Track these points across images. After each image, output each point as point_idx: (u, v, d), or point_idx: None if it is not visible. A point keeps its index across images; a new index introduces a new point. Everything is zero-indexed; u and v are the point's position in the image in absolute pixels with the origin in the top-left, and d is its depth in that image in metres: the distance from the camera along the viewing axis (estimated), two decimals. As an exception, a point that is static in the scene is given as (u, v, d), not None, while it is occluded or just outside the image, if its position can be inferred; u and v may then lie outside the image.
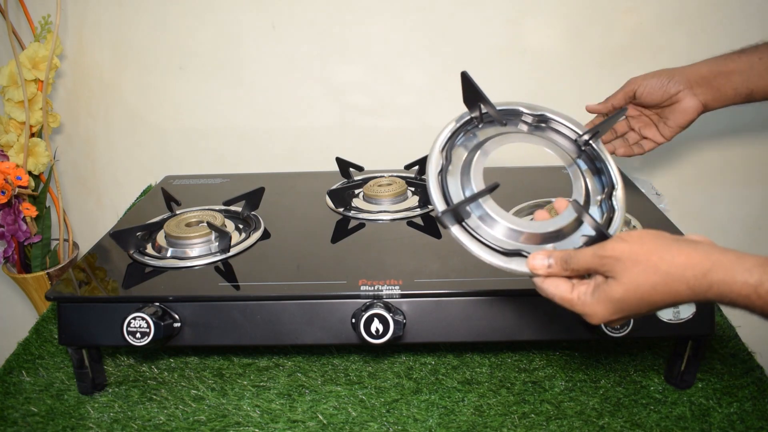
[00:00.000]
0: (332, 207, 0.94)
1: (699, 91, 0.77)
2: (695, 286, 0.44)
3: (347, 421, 0.71)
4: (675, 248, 0.46)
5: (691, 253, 0.45)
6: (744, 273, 0.43)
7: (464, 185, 0.57)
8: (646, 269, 0.46)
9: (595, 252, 0.48)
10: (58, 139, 1.24)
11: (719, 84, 0.76)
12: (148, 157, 1.25)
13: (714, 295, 0.44)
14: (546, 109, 0.62)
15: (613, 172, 0.59)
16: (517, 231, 0.54)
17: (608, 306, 0.48)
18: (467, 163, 0.58)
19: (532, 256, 0.51)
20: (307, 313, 0.70)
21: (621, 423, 0.69)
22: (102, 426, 0.71)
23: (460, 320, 0.70)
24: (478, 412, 0.72)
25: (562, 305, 0.51)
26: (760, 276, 0.42)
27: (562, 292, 0.51)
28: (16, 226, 1.08)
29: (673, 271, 0.45)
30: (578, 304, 0.50)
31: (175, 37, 1.15)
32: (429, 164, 0.57)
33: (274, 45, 1.15)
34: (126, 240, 0.80)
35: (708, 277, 0.44)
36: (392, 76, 1.17)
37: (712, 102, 0.77)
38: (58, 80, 1.19)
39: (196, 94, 1.19)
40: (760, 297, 0.42)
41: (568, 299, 0.50)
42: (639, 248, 0.47)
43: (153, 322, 0.67)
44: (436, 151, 0.58)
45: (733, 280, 0.43)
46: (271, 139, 1.23)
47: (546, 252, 0.52)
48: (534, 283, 0.53)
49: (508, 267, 0.53)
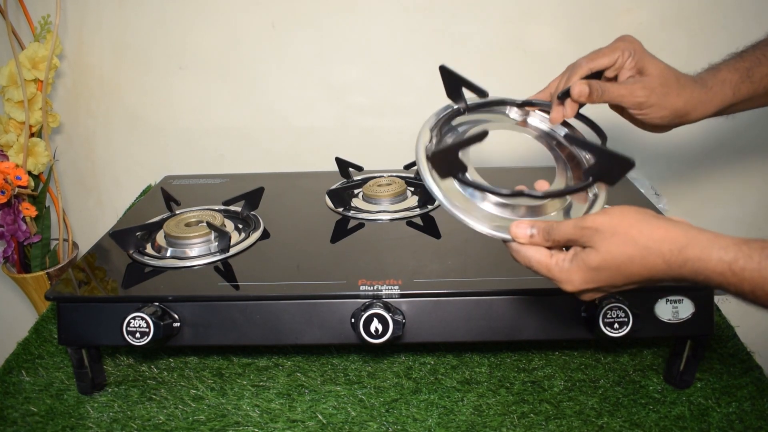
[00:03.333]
0: (332, 207, 0.94)
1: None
2: (671, 261, 0.45)
3: (347, 421, 0.71)
4: (654, 223, 0.47)
5: (670, 228, 0.46)
6: (719, 250, 0.43)
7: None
8: (625, 241, 0.47)
9: (576, 223, 0.49)
10: (57, 139, 1.24)
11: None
12: (148, 157, 1.25)
13: (689, 271, 0.45)
14: (531, 98, 0.65)
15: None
16: (503, 203, 0.56)
17: (584, 274, 0.49)
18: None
19: (515, 224, 0.53)
20: (306, 313, 0.71)
21: (620, 423, 0.70)
22: (101, 426, 0.71)
23: (459, 320, 0.71)
24: (478, 411, 0.72)
25: (538, 270, 0.52)
26: (735, 254, 0.43)
27: (541, 256, 0.52)
28: (16, 225, 1.08)
29: (651, 244, 0.46)
30: (555, 269, 0.51)
31: (174, 37, 1.15)
32: (417, 142, 0.59)
33: (274, 45, 1.15)
34: (125, 240, 0.80)
35: (684, 252, 0.45)
36: (392, 76, 1.17)
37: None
38: (57, 80, 1.19)
39: (195, 94, 1.19)
40: (735, 274, 0.43)
41: (545, 263, 0.51)
42: (619, 221, 0.48)
43: (152, 322, 0.67)
44: (425, 129, 0.61)
45: (709, 257, 0.44)
46: (271, 139, 1.23)
47: (529, 221, 0.53)
48: (511, 248, 0.54)
49: (492, 233, 0.54)
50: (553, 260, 0.51)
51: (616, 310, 0.68)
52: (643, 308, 0.69)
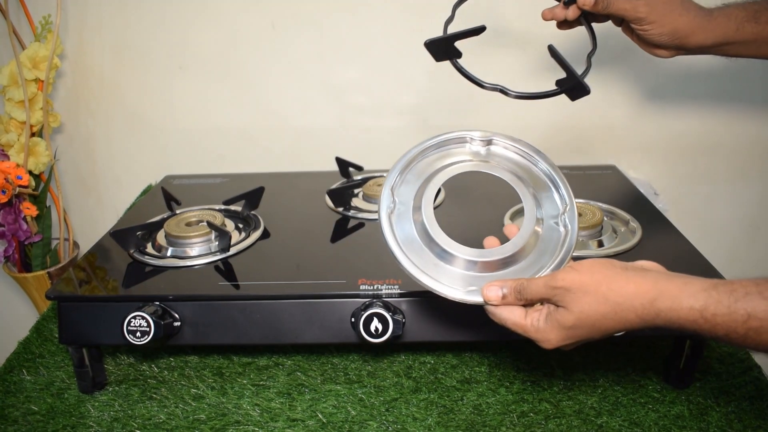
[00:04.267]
0: (332, 207, 0.95)
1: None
2: (643, 314, 0.46)
3: (347, 420, 0.71)
4: (623, 278, 0.47)
5: (639, 282, 0.47)
6: (689, 299, 0.44)
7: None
8: (596, 299, 0.47)
9: (547, 282, 0.50)
10: (58, 138, 1.24)
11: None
12: (149, 157, 1.25)
13: (663, 321, 0.46)
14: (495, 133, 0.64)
15: (565, 191, 0.60)
16: (472, 261, 0.56)
17: (560, 332, 0.50)
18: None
19: (486, 287, 0.53)
20: (306, 313, 0.71)
21: (619, 422, 0.70)
22: (102, 425, 0.71)
23: (459, 319, 0.71)
24: (477, 411, 0.72)
25: (515, 331, 0.53)
26: (705, 301, 0.44)
27: (516, 318, 0.52)
28: (17, 225, 1.08)
29: (622, 300, 0.47)
30: (531, 330, 0.51)
31: (175, 37, 1.15)
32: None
33: (274, 45, 1.15)
34: (126, 239, 0.80)
35: (655, 305, 0.45)
36: (392, 76, 1.17)
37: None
38: (58, 80, 1.19)
39: (196, 93, 1.19)
40: (707, 321, 0.44)
41: (521, 325, 0.52)
42: (589, 278, 0.48)
43: (153, 321, 0.67)
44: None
45: (680, 306, 0.44)
46: (271, 139, 1.23)
47: (500, 282, 0.53)
48: (487, 310, 0.54)
49: (465, 299, 0.54)
50: (528, 321, 0.51)
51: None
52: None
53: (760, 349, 0.44)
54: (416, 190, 0.60)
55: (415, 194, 0.59)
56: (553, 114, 1.18)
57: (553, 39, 0.72)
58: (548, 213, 0.60)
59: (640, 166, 1.23)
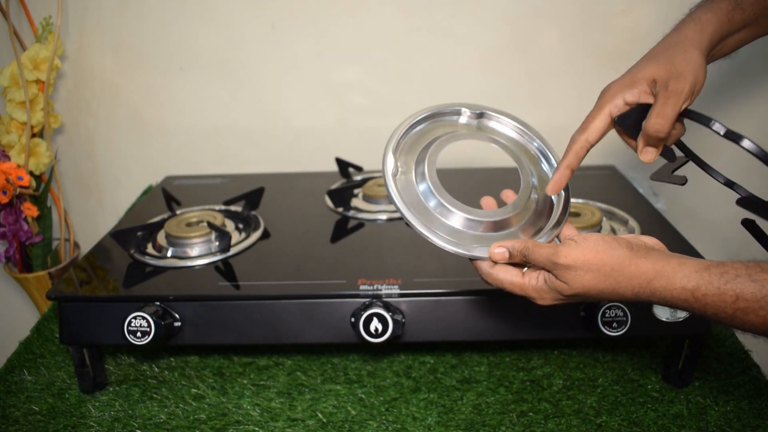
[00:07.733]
0: (332, 207, 0.95)
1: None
2: (639, 292, 0.48)
3: (347, 420, 0.71)
4: (627, 259, 0.49)
5: (640, 263, 0.48)
6: (683, 279, 0.46)
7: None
8: (597, 276, 0.49)
9: (549, 257, 0.51)
10: (59, 139, 1.24)
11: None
12: (149, 158, 1.25)
13: (657, 299, 0.48)
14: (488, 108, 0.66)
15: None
16: (477, 221, 0.57)
17: (557, 295, 0.52)
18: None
19: (495, 245, 0.54)
20: (306, 313, 0.71)
21: (618, 421, 0.70)
22: (103, 424, 0.71)
23: (458, 319, 0.71)
24: (477, 410, 0.72)
25: (511, 291, 0.54)
26: (697, 281, 0.46)
27: (513, 278, 0.54)
28: (18, 226, 1.08)
29: (622, 279, 0.49)
30: (529, 288, 0.53)
31: (175, 37, 1.15)
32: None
33: (274, 45, 1.15)
34: (127, 240, 0.80)
35: (651, 284, 0.48)
36: (392, 76, 1.17)
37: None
38: (59, 81, 1.19)
39: (196, 94, 1.20)
40: (697, 300, 0.46)
41: (519, 284, 0.53)
42: (592, 257, 0.49)
43: (153, 322, 0.67)
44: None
45: (673, 286, 0.47)
46: (271, 139, 1.23)
47: (509, 242, 0.54)
48: (481, 269, 0.55)
49: (472, 254, 0.55)
50: (525, 279, 0.53)
51: (615, 309, 0.68)
52: (642, 308, 0.69)
53: (747, 328, 0.46)
54: (416, 156, 0.61)
55: (416, 160, 0.61)
56: (553, 114, 1.18)
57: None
58: (542, 180, 0.63)
59: (640, 167, 1.23)
